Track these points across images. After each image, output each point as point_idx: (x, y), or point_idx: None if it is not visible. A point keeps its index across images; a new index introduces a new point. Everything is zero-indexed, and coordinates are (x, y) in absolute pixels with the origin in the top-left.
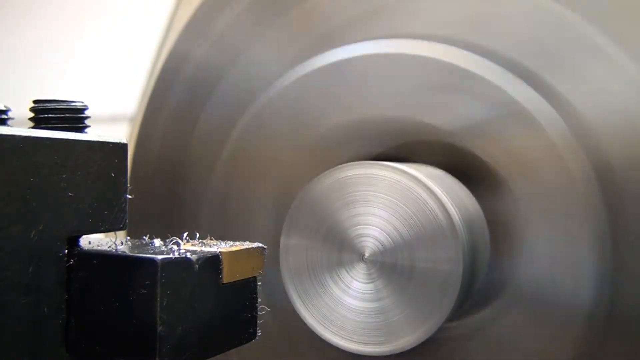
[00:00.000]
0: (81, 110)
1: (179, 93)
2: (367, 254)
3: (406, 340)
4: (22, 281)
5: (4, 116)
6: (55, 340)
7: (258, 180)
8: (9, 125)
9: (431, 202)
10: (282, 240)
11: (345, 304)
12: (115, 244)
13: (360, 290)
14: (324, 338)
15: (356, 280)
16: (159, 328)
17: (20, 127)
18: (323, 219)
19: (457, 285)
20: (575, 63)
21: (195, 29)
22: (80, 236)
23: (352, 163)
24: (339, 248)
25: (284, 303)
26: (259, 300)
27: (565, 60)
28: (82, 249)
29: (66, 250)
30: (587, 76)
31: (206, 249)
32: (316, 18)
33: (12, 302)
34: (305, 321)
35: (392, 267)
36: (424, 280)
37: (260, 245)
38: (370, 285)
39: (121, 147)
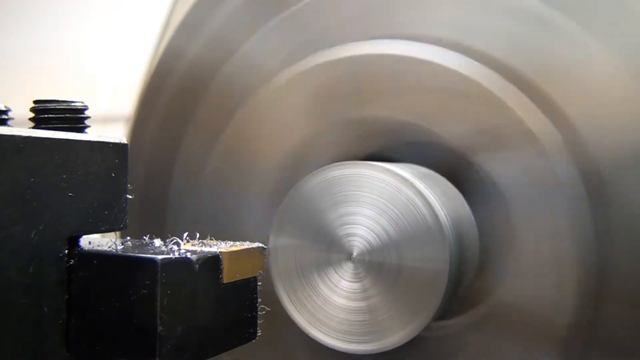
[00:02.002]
0: (81, 110)
1: (172, 91)
2: (355, 254)
3: (393, 339)
4: (23, 281)
5: (4, 116)
6: (56, 340)
7: (250, 178)
8: (9, 126)
9: (419, 202)
10: (271, 239)
11: (333, 303)
12: (115, 244)
13: (348, 289)
14: (312, 336)
15: (344, 279)
16: (159, 328)
17: (21, 127)
18: (311, 218)
19: (444, 284)
20: (566, 68)
21: (190, 26)
22: (80, 236)
23: (340, 163)
24: (327, 247)
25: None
26: (259, 300)
27: (556, 65)
28: (82, 249)
29: (66, 251)
30: (577, 80)
31: (206, 249)
32: (311, 17)
33: (12, 302)
34: (293, 320)
35: (380, 266)
36: (411, 279)
37: (260, 245)
38: (358, 284)
39: (121, 147)
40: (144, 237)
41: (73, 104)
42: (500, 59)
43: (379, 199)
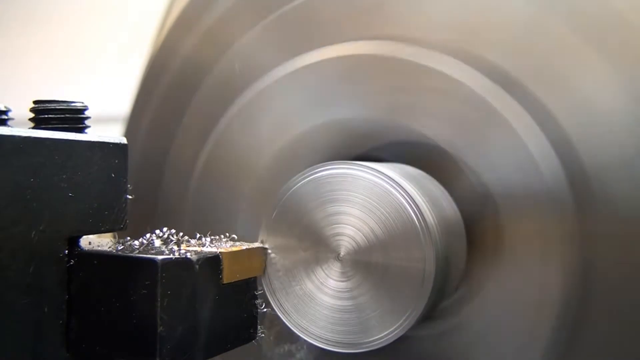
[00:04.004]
0: (81, 110)
1: (165, 89)
2: (342, 253)
3: (380, 338)
4: (23, 281)
5: (4, 116)
6: (56, 340)
7: (239, 177)
8: (9, 126)
9: (406, 203)
10: (260, 238)
11: (320, 302)
12: (116, 244)
13: (335, 288)
14: (300, 335)
15: (331, 278)
16: (160, 328)
17: (21, 127)
18: (300, 217)
19: (430, 283)
20: (555, 71)
21: (184, 24)
22: (80, 236)
23: (329, 162)
24: (315, 246)
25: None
26: (259, 300)
27: (545, 68)
28: (82, 249)
29: (67, 251)
30: (568, 85)
31: (206, 249)
32: (304, 17)
33: (12, 302)
34: (281, 318)
35: (367, 265)
36: (397, 279)
37: (260, 245)
38: (345, 283)
39: (121, 147)
40: (144, 237)
41: (73, 104)
42: (489, 62)
43: (366, 199)
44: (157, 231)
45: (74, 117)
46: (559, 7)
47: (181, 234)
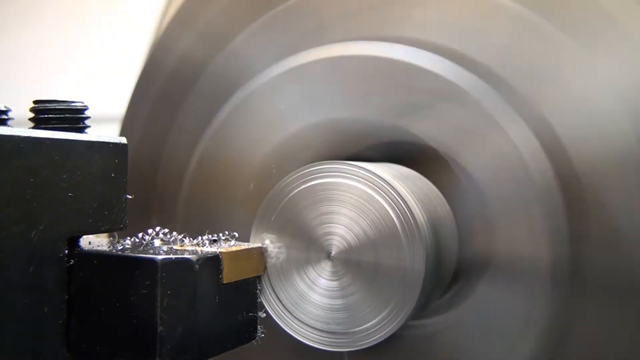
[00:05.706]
0: (81, 110)
1: (160, 87)
2: (333, 252)
3: (370, 337)
4: (23, 281)
5: (4, 116)
6: (56, 340)
7: (233, 176)
8: (9, 126)
9: (396, 202)
10: (252, 237)
11: (311, 300)
12: (115, 244)
13: (326, 287)
14: (290, 334)
15: (322, 277)
16: (159, 328)
17: (21, 127)
18: (291, 216)
19: (420, 283)
20: (544, 70)
21: (181, 21)
22: (80, 236)
23: (321, 162)
24: (306, 246)
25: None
26: (259, 300)
27: (533, 66)
28: (82, 249)
29: (66, 251)
30: (555, 82)
31: (206, 249)
32: (300, 16)
33: (12, 302)
34: (272, 317)
35: (358, 264)
36: (388, 278)
37: (260, 245)
38: (336, 282)
39: (121, 147)
40: (145, 237)
41: (73, 104)
42: (481, 62)
43: (357, 199)
44: (150, 230)
45: (74, 117)
46: (549, 7)
47: (176, 233)
